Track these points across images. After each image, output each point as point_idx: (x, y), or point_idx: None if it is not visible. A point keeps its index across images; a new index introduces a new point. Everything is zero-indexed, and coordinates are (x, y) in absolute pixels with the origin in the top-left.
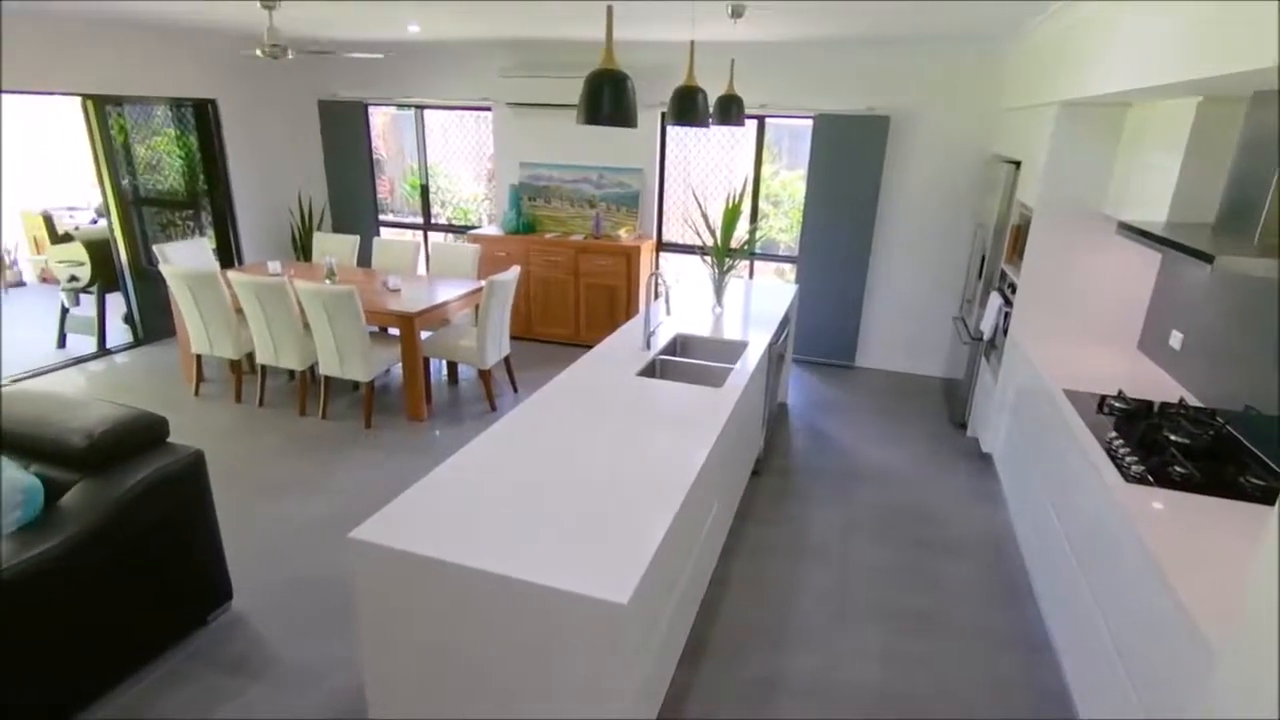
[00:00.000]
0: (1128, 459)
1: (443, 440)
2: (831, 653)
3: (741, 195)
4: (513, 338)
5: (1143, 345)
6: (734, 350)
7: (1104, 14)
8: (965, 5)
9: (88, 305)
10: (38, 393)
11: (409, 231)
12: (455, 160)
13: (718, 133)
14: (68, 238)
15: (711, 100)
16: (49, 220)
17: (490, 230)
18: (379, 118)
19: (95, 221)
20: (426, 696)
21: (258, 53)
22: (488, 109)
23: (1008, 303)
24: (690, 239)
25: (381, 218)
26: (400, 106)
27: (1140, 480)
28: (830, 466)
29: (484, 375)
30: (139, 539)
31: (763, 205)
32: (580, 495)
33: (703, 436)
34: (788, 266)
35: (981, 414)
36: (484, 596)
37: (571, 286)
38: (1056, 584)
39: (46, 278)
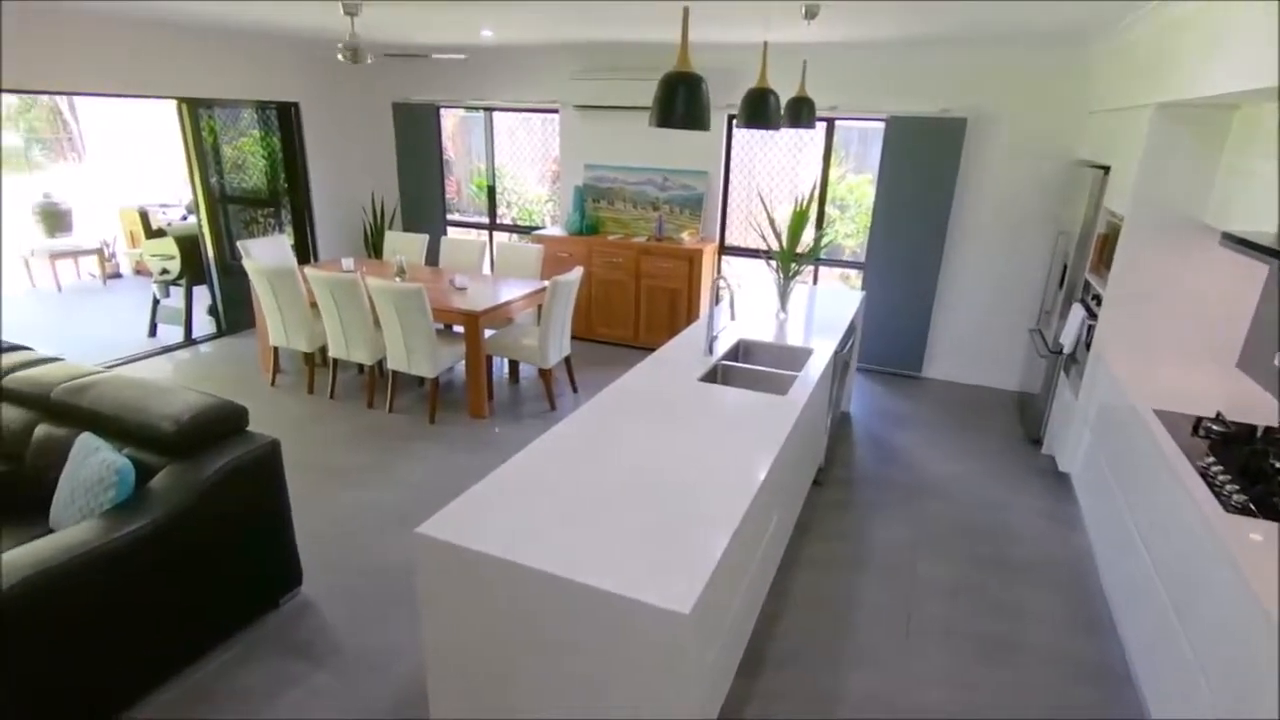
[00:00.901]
0: (1228, 487)
1: (503, 438)
2: (894, 672)
3: (810, 199)
4: (573, 338)
5: (1243, 364)
6: (798, 357)
7: (1210, 11)
8: (1058, 4)
9: (177, 297)
10: (131, 379)
11: (474, 231)
12: (521, 161)
13: (783, 135)
14: (161, 233)
15: (781, 102)
16: (145, 216)
17: (553, 231)
18: (449, 120)
19: (185, 218)
20: (486, 695)
21: (339, 57)
22: (555, 111)
23: (1091, 315)
24: (753, 243)
25: (449, 217)
26: (469, 109)
27: (1242, 510)
28: (895, 479)
29: (544, 374)
30: (219, 522)
31: (829, 209)
32: (642, 500)
33: (766, 445)
34: (853, 272)
35: (1059, 431)
36: (546, 598)
37: (632, 288)
38: (1141, 616)
39: (141, 270)
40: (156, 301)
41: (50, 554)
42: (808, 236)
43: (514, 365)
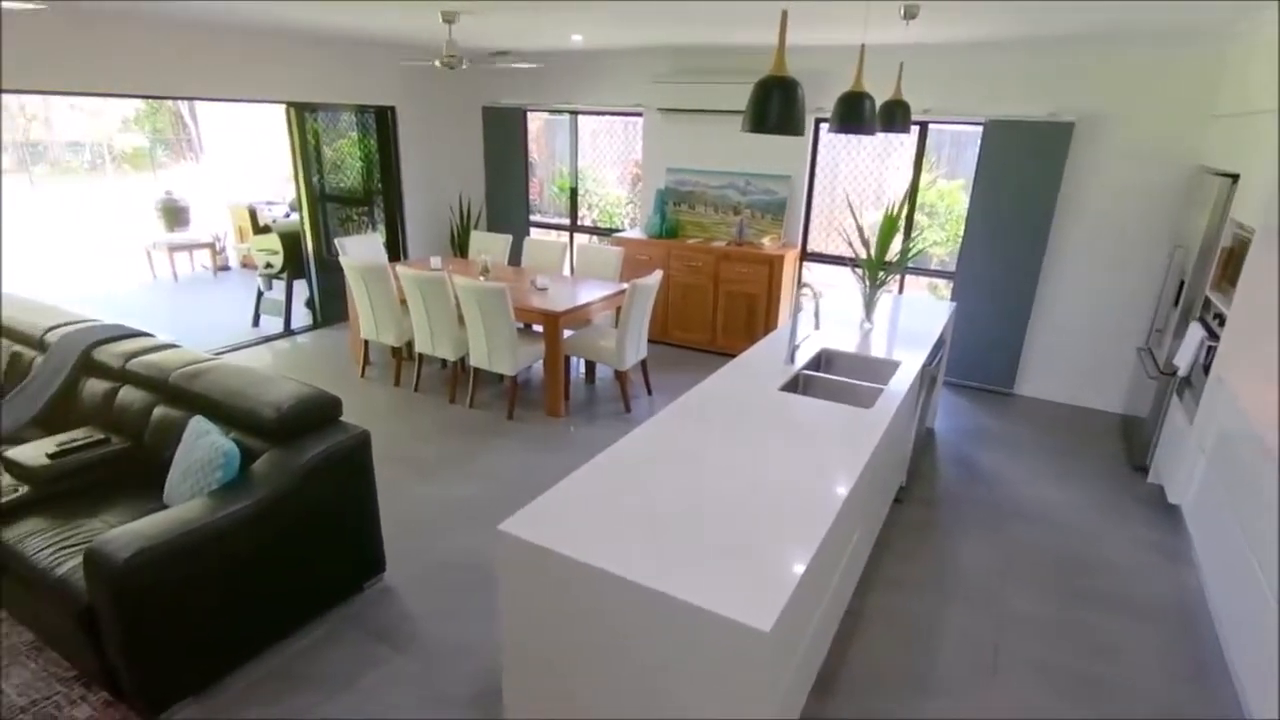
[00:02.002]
0: None
1: (578, 437)
2: (978, 706)
3: (901, 206)
4: (649, 341)
5: None
6: (884, 370)
7: None
8: (1187, 4)
9: (278, 290)
10: (238, 367)
11: (554, 232)
12: (602, 164)
13: (870, 139)
14: (266, 229)
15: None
16: (253, 213)
17: (633, 233)
18: (534, 122)
19: (288, 215)
20: (559, 697)
21: (436, 63)
22: (639, 114)
23: (1212, 335)
24: (835, 249)
25: (531, 218)
26: (555, 112)
27: None
28: (982, 500)
29: (620, 376)
30: (313, 507)
31: (917, 216)
32: (722, 510)
33: (850, 459)
34: (941, 282)
35: (1169, 459)
36: (624, 604)
37: (710, 293)
38: (1263, 665)
39: (247, 263)
40: (260, 294)
41: (164, 528)
42: (896, 244)
43: (590, 366)
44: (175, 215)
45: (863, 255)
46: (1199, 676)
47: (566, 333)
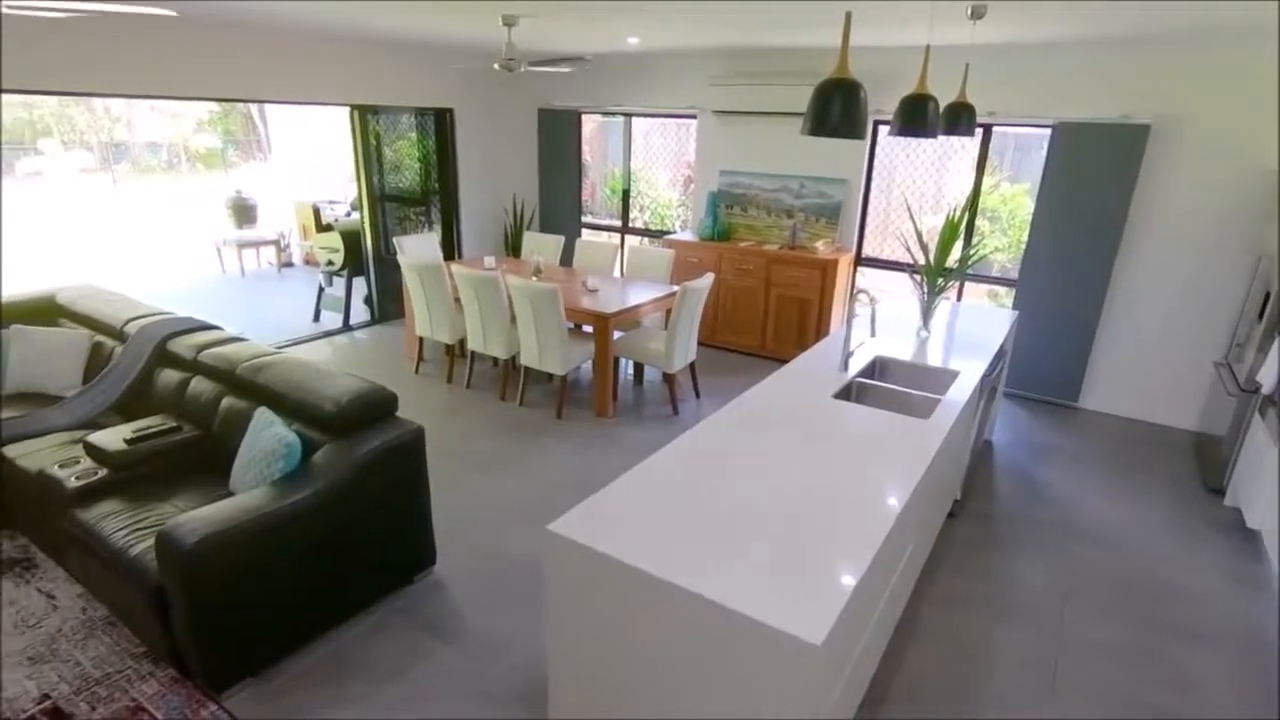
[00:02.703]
0: None
1: (624, 439)
2: None
3: (963, 210)
4: (698, 344)
5: None
6: (942, 379)
7: None
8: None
9: (338, 286)
10: (300, 361)
11: (605, 233)
12: (654, 166)
13: (928, 142)
14: (329, 228)
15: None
16: (317, 212)
17: (684, 236)
18: (588, 124)
19: (349, 214)
20: (605, 698)
21: (495, 66)
22: (692, 116)
23: None
24: (890, 253)
25: (583, 219)
26: (608, 114)
27: None
28: (1042, 518)
29: (669, 379)
30: (369, 499)
31: (978, 221)
32: (773, 519)
33: (906, 471)
34: (1002, 289)
35: (1249, 481)
36: (673, 610)
37: (761, 296)
38: None
39: (309, 261)
40: (321, 290)
41: (229, 515)
42: (956, 250)
43: (639, 367)
44: (244, 213)
45: (921, 261)
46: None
47: (616, 334)
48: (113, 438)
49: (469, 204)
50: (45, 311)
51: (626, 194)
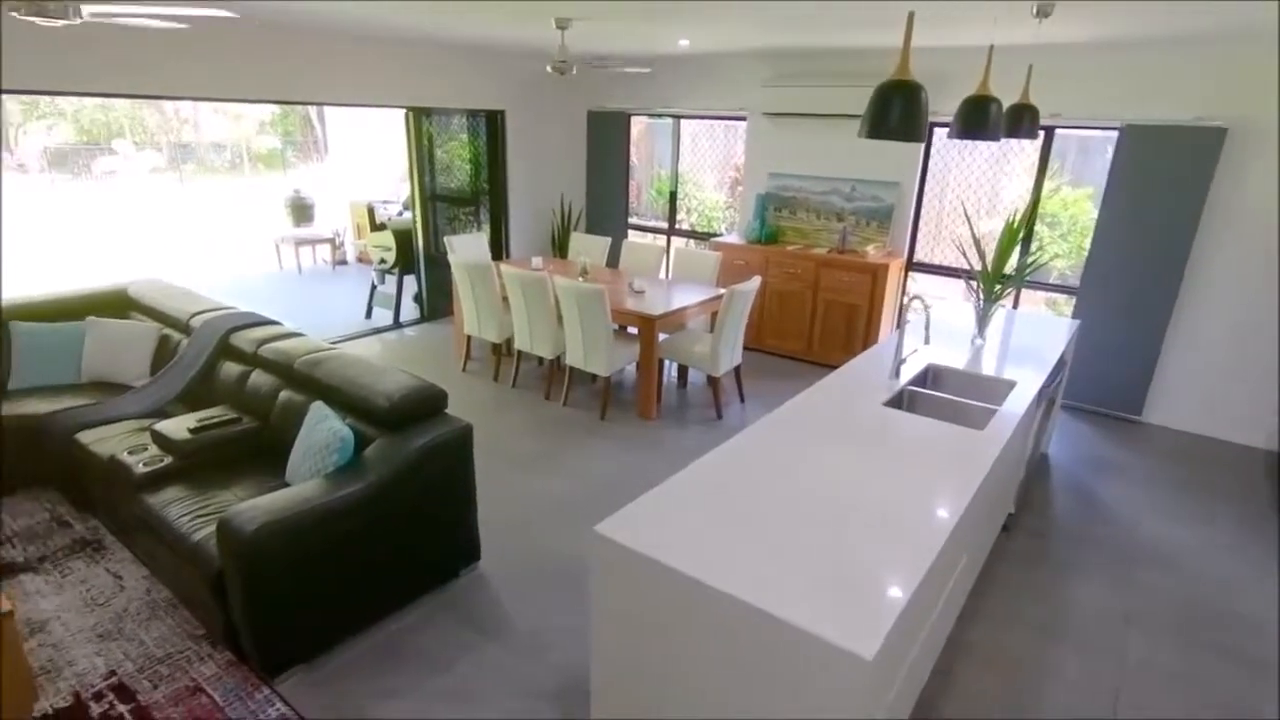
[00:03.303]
0: None
1: (668, 442)
2: None
3: (1025, 215)
4: (743, 347)
5: None
6: (998, 389)
7: None
8: None
9: (390, 284)
10: (354, 357)
11: (650, 235)
12: (701, 168)
13: (984, 145)
14: (382, 227)
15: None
16: (372, 211)
17: (731, 238)
18: (636, 126)
19: (401, 214)
20: (647, 701)
21: (548, 69)
22: (742, 118)
23: None
24: (942, 259)
25: (630, 221)
26: (655, 116)
27: None
28: (1100, 537)
29: (713, 382)
30: (418, 494)
31: (1037, 226)
32: (824, 528)
33: (961, 483)
34: (1061, 297)
35: None
36: (719, 617)
37: (809, 301)
38: None
39: (363, 259)
40: (373, 287)
41: (285, 505)
42: (1014, 256)
43: (683, 370)
44: (301, 212)
45: (978, 266)
46: None
47: (661, 336)
48: (178, 427)
49: (517, 204)
50: (117, 305)
51: (674, 196)
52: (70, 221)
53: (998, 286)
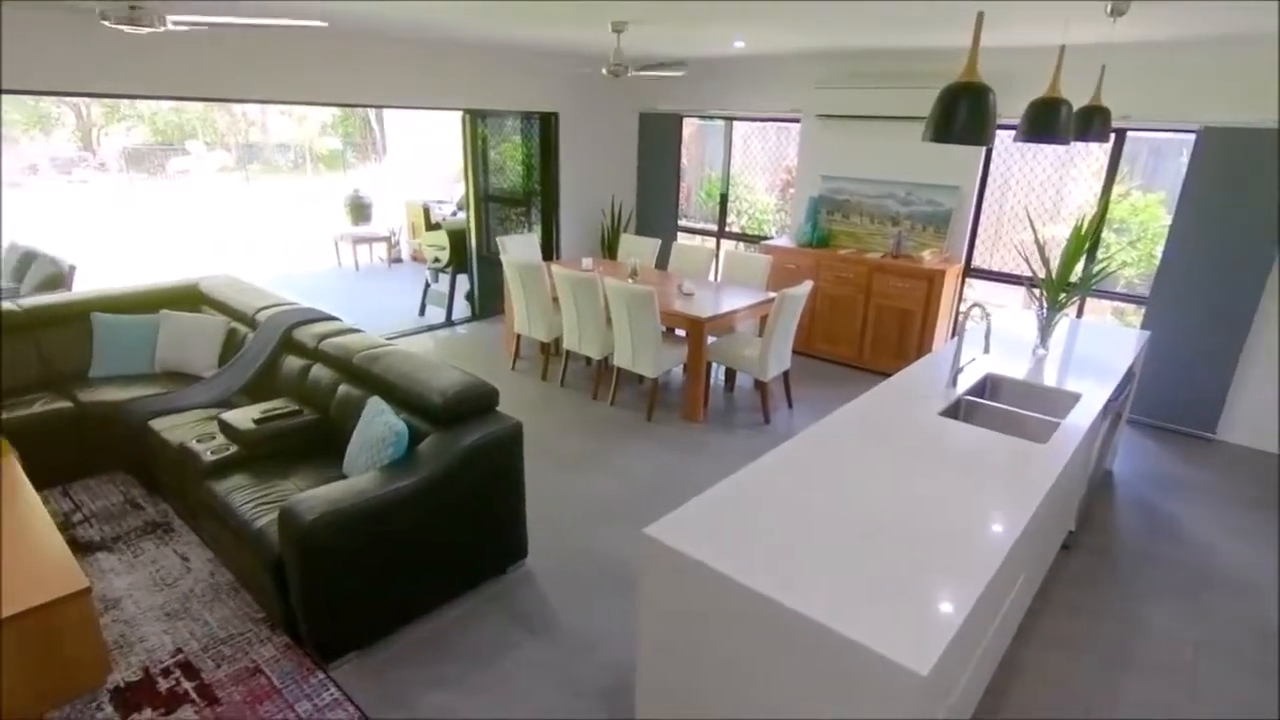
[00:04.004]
0: None
1: (715, 445)
2: None
3: (1094, 221)
4: (792, 352)
5: None
6: (1061, 402)
7: None
8: None
9: (443, 283)
10: (410, 353)
11: (698, 237)
12: (752, 170)
13: (1050, 148)
14: (437, 226)
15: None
16: (427, 211)
17: (782, 242)
18: (687, 128)
19: (454, 214)
20: (693, 704)
21: (603, 71)
22: (795, 120)
23: None
24: (1002, 265)
25: (679, 223)
26: (706, 118)
27: None
28: (1168, 559)
29: (761, 386)
30: (469, 489)
31: (1104, 233)
32: (878, 539)
33: (1021, 497)
34: (1130, 307)
35: None
36: (769, 624)
37: (861, 306)
38: None
39: (417, 257)
40: (427, 285)
41: (342, 496)
42: (1079, 263)
43: (730, 373)
44: (360, 211)
45: (1042, 274)
46: None
47: (710, 339)
48: (243, 417)
49: (568, 205)
50: (189, 299)
51: (724, 198)
52: (146, 218)
53: (1062, 295)
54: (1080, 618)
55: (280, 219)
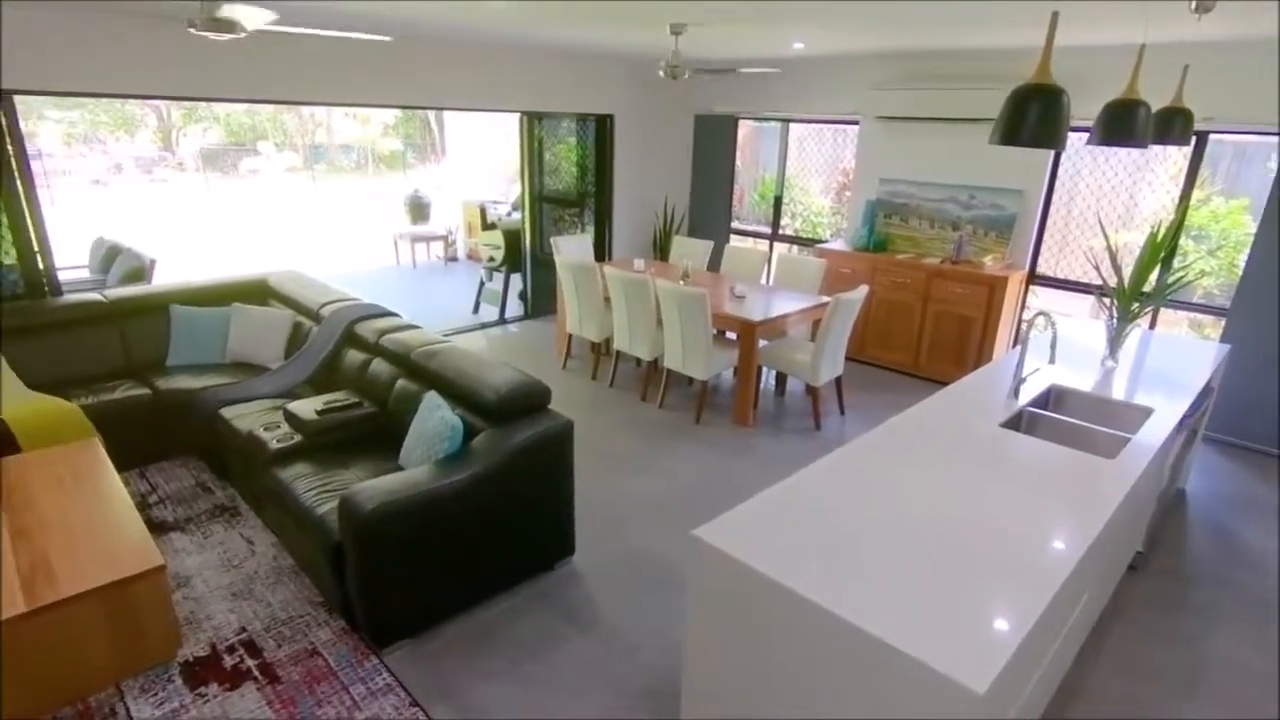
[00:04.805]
0: None
1: (763, 450)
2: None
3: (1171, 228)
4: (845, 357)
5: None
6: (1131, 416)
7: None
8: None
9: (497, 281)
10: (465, 350)
11: (750, 239)
12: (807, 173)
13: (1122, 151)
14: (493, 226)
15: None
16: (484, 211)
17: (836, 245)
18: (742, 130)
19: (510, 214)
20: (739, 709)
21: (660, 73)
22: (854, 122)
23: None
24: (1067, 272)
25: (732, 225)
26: (762, 119)
27: None
28: (1246, 586)
29: (812, 391)
30: (519, 485)
31: (1181, 240)
32: (934, 551)
33: (1087, 514)
34: (1207, 319)
35: None
36: (820, 634)
37: (918, 312)
38: None
39: (473, 256)
40: (482, 284)
41: (399, 487)
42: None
43: (781, 378)
44: (419, 210)
45: (1113, 282)
46: None
47: (761, 342)
48: (306, 408)
49: (621, 207)
50: (258, 293)
51: (779, 201)
52: (219, 215)
53: (1135, 305)
54: (1146, 641)
55: (343, 217)
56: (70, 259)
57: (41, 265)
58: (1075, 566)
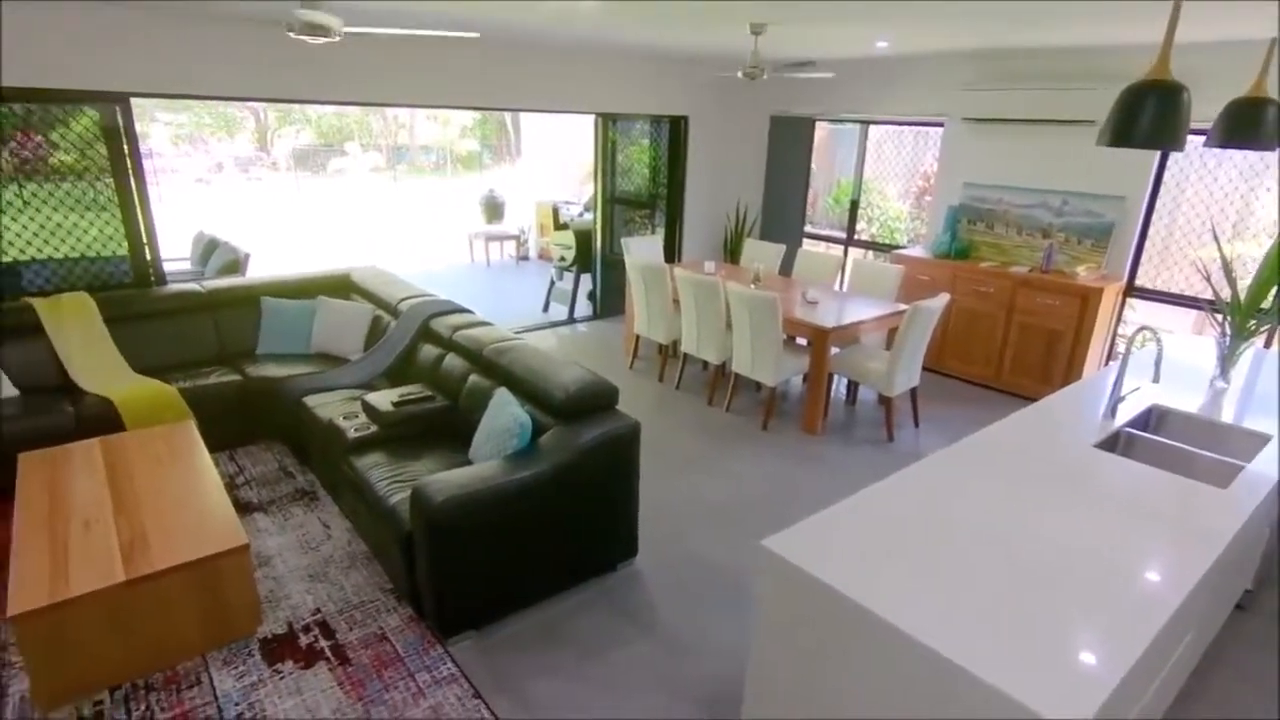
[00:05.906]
0: None
1: (831, 459)
2: None
3: None
4: (922, 368)
5: None
6: (1245, 443)
7: None
8: None
9: (567, 281)
10: (536, 348)
11: (823, 244)
12: (885, 176)
13: (1237, 155)
14: (565, 226)
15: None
16: (556, 211)
17: (914, 252)
18: (818, 132)
19: (582, 214)
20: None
21: (739, 74)
22: (938, 124)
23: None
24: (1170, 285)
25: (805, 229)
26: (839, 121)
27: None
28: None
29: (886, 402)
30: (586, 484)
31: None
32: (1020, 577)
33: (1195, 547)
34: None
35: None
36: (895, 658)
37: (1001, 323)
38: None
39: (543, 255)
40: (552, 283)
41: (468, 481)
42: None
43: (853, 386)
44: (494, 210)
45: (1226, 296)
46: None
47: (833, 349)
48: (383, 399)
49: (693, 208)
50: (341, 287)
51: (855, 205)
52: (308, 212)
53: (1252, 322)
54: (1255, 686)
55: (422, 216)
56: (173, 251)
57: (149, 257)
58: (1181, 603)
